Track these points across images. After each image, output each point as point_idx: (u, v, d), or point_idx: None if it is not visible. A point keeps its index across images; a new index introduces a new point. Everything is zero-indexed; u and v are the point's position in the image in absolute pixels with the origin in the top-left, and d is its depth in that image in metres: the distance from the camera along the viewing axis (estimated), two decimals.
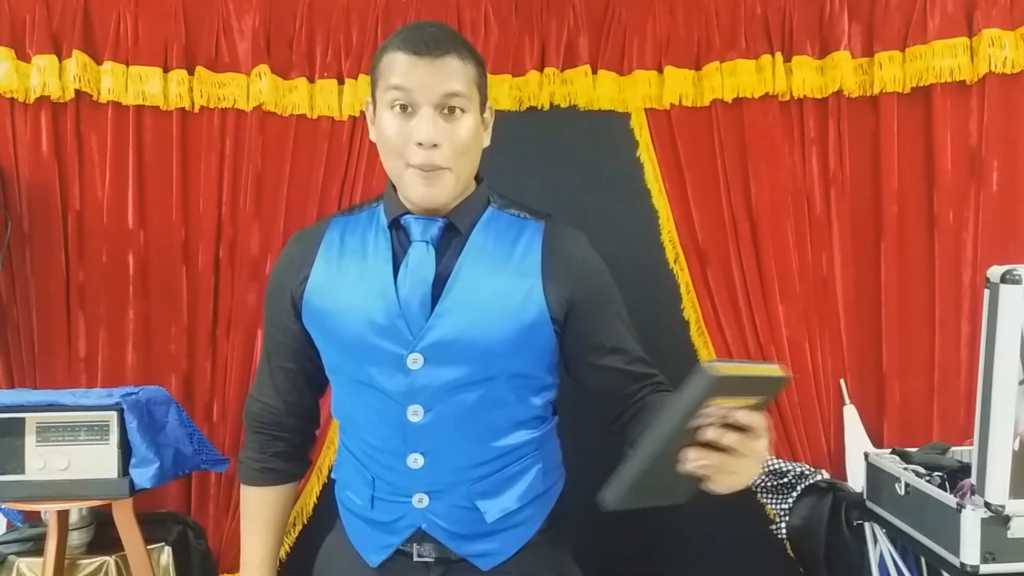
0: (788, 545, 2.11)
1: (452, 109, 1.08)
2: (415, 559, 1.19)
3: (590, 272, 1.17)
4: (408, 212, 1.15)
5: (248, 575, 1.29)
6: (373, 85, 1.13)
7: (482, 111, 1.15)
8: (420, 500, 1.16)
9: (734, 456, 0.83)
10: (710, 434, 0.83)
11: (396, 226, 1.17)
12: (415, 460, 1.14)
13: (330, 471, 1.95)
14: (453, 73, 1.07)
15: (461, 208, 1.15)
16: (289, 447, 1.29)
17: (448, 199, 1.12)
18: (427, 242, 1.13)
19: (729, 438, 0.83)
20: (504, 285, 1.12)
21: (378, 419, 1.15)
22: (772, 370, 0.83)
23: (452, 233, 1.15)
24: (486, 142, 1.18)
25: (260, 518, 1.29)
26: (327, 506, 1.95)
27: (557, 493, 1.26)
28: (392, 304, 1.11)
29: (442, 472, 1.15)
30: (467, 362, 1.10)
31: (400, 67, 1.07)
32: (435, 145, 1.07)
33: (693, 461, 0.83)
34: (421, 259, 1.12)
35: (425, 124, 1.06)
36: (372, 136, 1.16)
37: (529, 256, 1.14)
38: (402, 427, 1.13)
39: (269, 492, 1.28)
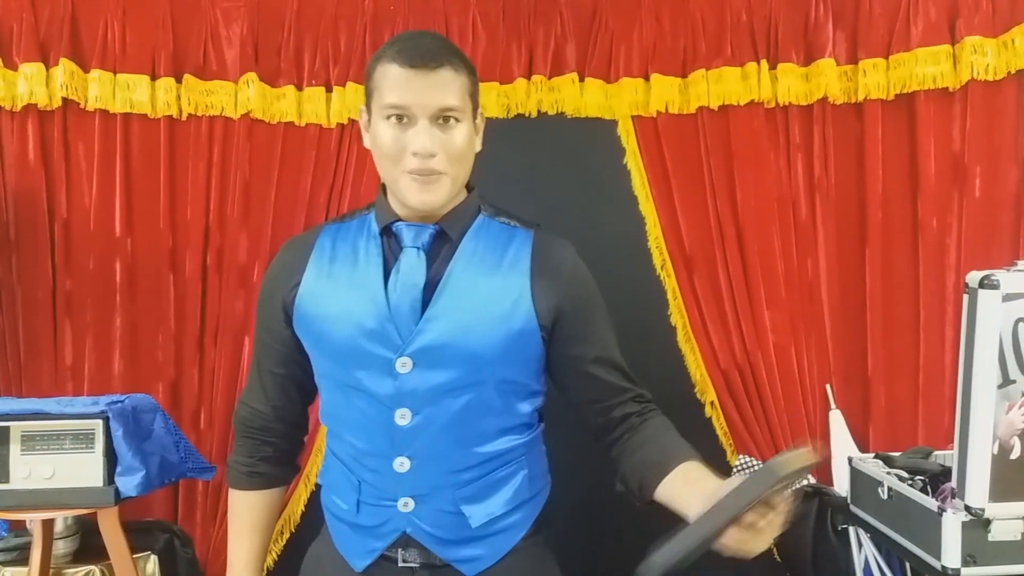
0: (774, 549, 2.12)
1: (447, 119, 1.11)
2: (400, 564, 1.19)
3: (577, 281, 1.19)
4: (399, 219, 1.17)
5: None
6: (368, 95, 1.16)
7: (474, 118, 1.17)
8: (406, 504, 1.16)
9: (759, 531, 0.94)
10: (750, 518, 0.93)
11: (387, 233, 1.18)
12: (401, 464, 1.15)
13: (317, 478, 1.94)
14: (447, 86, 1.10)
15: (452, 215, 1.17)
16: (277, 452, 1.30)
17: (444, 202, 1.14)
18: (418, 248, 1.15)
19: (765, 520, 0.93)
20: (494, 291, 1.13)
21: (366, 423, 1.16)
22: (806, 459, 0.93)
23: (443, 240, 1.17)
24: (477, 147, 1.20)
25: (247, 522, 1.30)
26: (315, 513, 1.95)
27: (543, 500, 1.27)
28: (382, 308, 1.12)
29: (428, 476, 1.16)
30: (455, 367, 1.11)
31: (395, 81, 1.10)
32: (431, 155, 1.09)
33: (736, 543, 0.94)
34: (412, 265, 1.14)
35: (422, 136, 1.09)
36: (366, 143, 1.18)
37: (518, 264, 1.15)
38: (389, 430, 1.14)
39: (256, 496, 1.29)
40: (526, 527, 1.22)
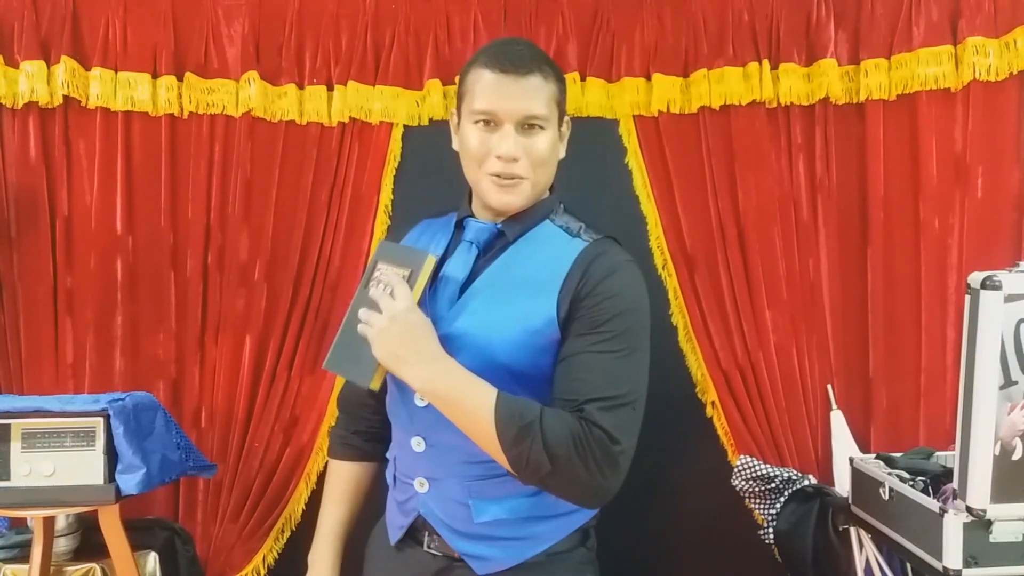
0: (776, 550, 2.12)
1: (532, 126, 1.15)
2: (425, 548, 1.24)
3: (609, 281, 1.14)
4: (472, 215, 1.25)
5: (316, 543, 1.40)
6: (459, 99, 1.22)
7: (560, 125, 1.22)
8: (421, 484, 1.22)
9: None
10: (371, 292, 1.15)
11: (460, 227, 1.27)
12: (418, 443, 1.20)
13: (318, 478, 1.95)
14: (536, 94, 1.15)
15: (517, 217, 1.21)
16: (370, 427, 1.38)
17: (523, 205, 1.20)
18: (472, 243, 1.21)
19: (375, 292, 1.14)
20: (522, 293, 1.16)
21: (397, 399, 1.23)
22: (423, 252, 1.19)
23: (502, 238, 1.22)
24: (561, 153, 1.25)
25: (337, 489, 1.40)
26: (315, 513, 1.95)
27: (582, 520, 1.25)
28: (426, 295, 1.20)
29: (439, 461, 1.19)
30: (471, 358, 1.14)
31: (486, 86, 1.15)
32: (514, 159, 1.15)
33: (361, 320, 1.12)
34: (461, 258, 1.22)
35: (507, 141, 1.14)
36: (455, 146, 1.24)
37: (558, 268, 1.17)
38: (409, 409, 1.20)
39: (347, 467, 1.40)
40: (551, 542, 1.22)
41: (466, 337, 1.16)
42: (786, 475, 2.11)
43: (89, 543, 1.97)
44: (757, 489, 2.13)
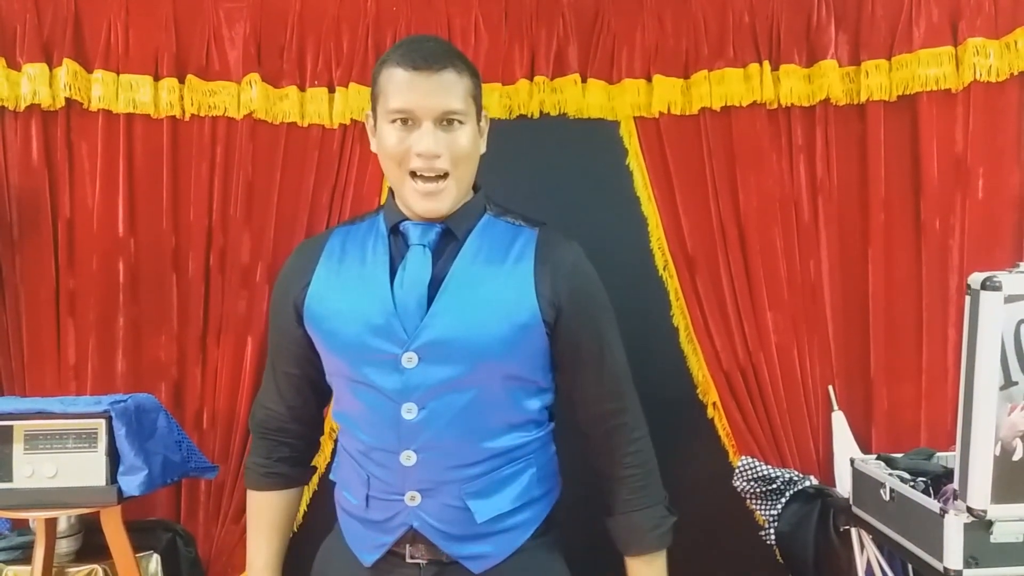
0: (777, 551, 2.12)
1: (451, 121, 1.14)
2: (408, 560, 1.21)
3: (579, 278, 1.20)
4: (407, 219, 1.20)
5: None
6: (373, 99, 1.19)
7: (478, 120, 1.20)
8: (412, 498, 1.18)
9: None
10: None
11: (395, 232, 1.21)
12: (408, 457, 1.16)
13: (319, 480, 1.95)
14: (451, 88, 1.13)
15: (458, 215, 1.19)
16: (294, 452, 1.33)
17: (450, 208, 1.17)
18: (424, 245, 1.18)
19: None
20: (498, 287, 1.16)
21: (374, 417, 1.18)
22: None
23: (449, 238, 1.19)
24: (482, 148, 1.23)
25: (265, 521, 1.33)
26: (315, 514, 1.95)
27: (553, 499, 1.29)
28: (388, 305, 1.15)
29: (434, 470, 1.17)
30: (461, 361, 1.13)
31: (399, 84, 1.13)
32: (436, 156, 1.13)
33: None
34: (418, 262, 1.17)
35: (426, 138, 1.12)
36: (373, 147, 1.22)
37: (522, 260, 1.18)
38: (396, 425, 1.16)
39: (274, 496, 1.33)
40: (534, 526, 1.24)
41: (453, 343, 1.13)
42: (787, 476, 2.11)
43: (91, 545, 1.97)
44: (758, 490, 2.13)
